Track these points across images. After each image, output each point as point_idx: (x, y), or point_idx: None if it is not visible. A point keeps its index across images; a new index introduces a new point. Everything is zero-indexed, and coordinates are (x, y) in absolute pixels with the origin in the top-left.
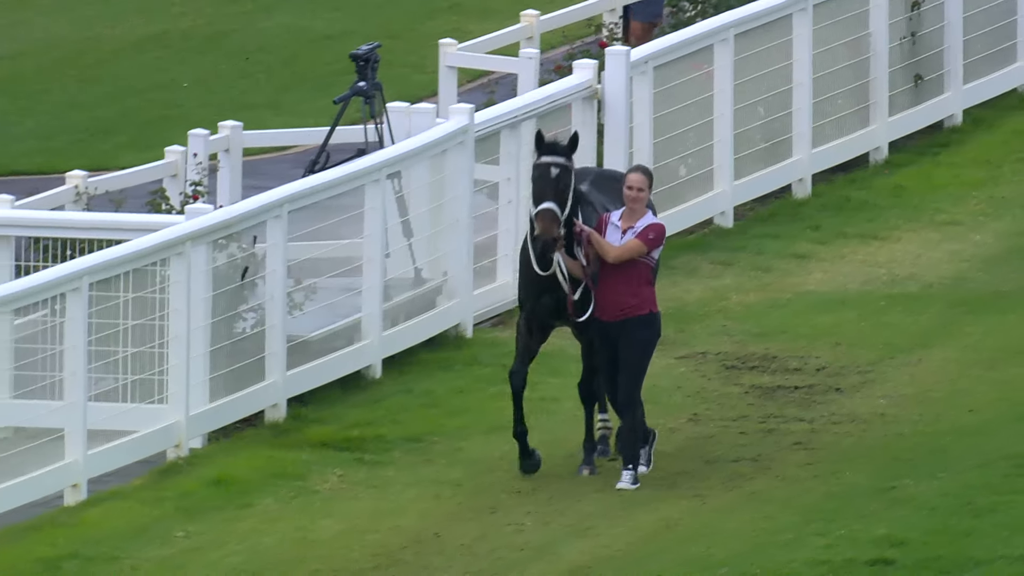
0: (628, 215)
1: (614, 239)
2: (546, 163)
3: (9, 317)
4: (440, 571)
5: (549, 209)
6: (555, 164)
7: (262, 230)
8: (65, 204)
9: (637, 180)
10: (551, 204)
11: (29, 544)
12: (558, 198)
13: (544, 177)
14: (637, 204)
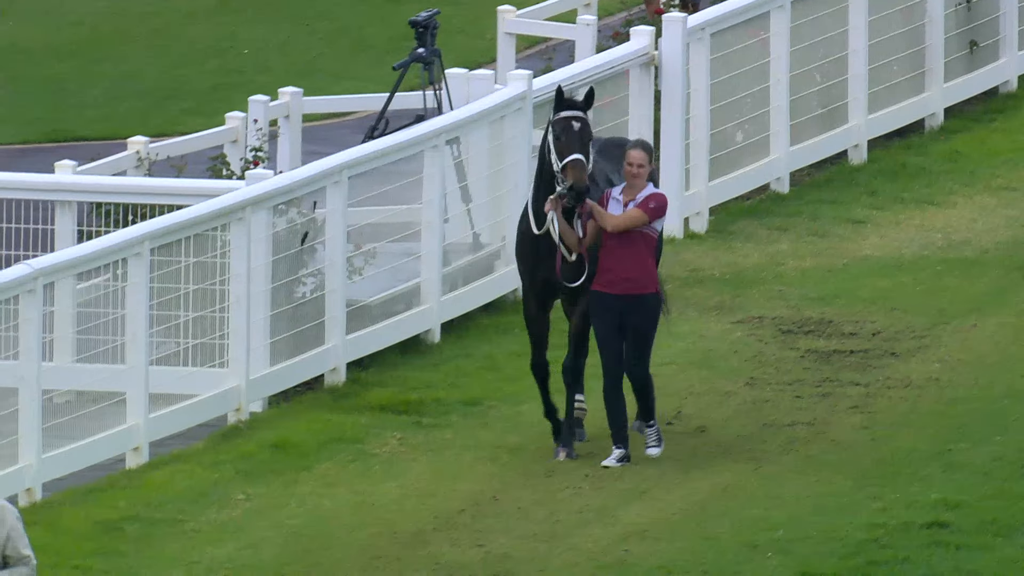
0: (629, 189)
1: (616, 211)
2: (567, 117)
3: (72, 282)
4: (498, 534)
5: (579, 159)
6: (576, 118)
7: (322, 195)
8: (127, 170)
9: (637, 157)
10: (579, 155)
11: (91, 507)
12: (584, 150)
13: (568, 131)
14: (638, 180)
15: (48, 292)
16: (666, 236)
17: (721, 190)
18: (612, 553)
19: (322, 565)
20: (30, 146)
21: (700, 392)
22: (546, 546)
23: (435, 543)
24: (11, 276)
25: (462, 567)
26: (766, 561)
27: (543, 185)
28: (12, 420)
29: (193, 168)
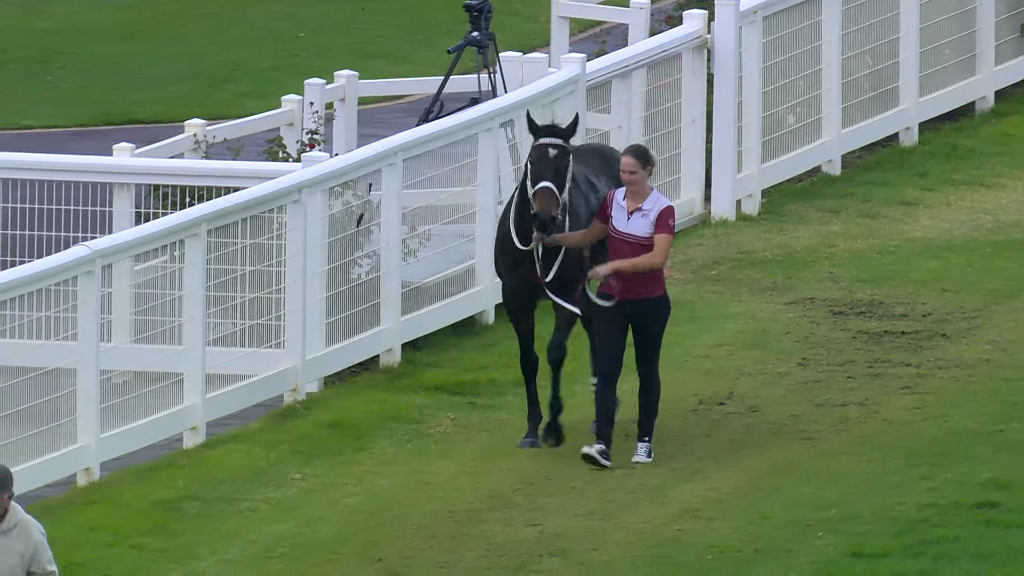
0: (632, 196)
1: (621, 220)
2: (544, 144)
3: (129, 263)
4: (552, 513)
5: (547, 187)
6: (552, 145)
7: (377, 178)
8: (184, 152)
9: (628, 164)
10: (549, 183)
11: (149, 485)
12: (556, 178)
13: (543, 158)
14: (636, 186)
15: (106, 273)
16: (718, 218)
17: (773, 172)
18: (665, 532)
19: (378, 543)
20: (88, 129)
21: (753, 372)
22: (600, 525)
23: (489, 522)
24: (70, 257)
25: (516, 545)
26: (817, 540)
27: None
28: (71, 400)
29: (250, 150)
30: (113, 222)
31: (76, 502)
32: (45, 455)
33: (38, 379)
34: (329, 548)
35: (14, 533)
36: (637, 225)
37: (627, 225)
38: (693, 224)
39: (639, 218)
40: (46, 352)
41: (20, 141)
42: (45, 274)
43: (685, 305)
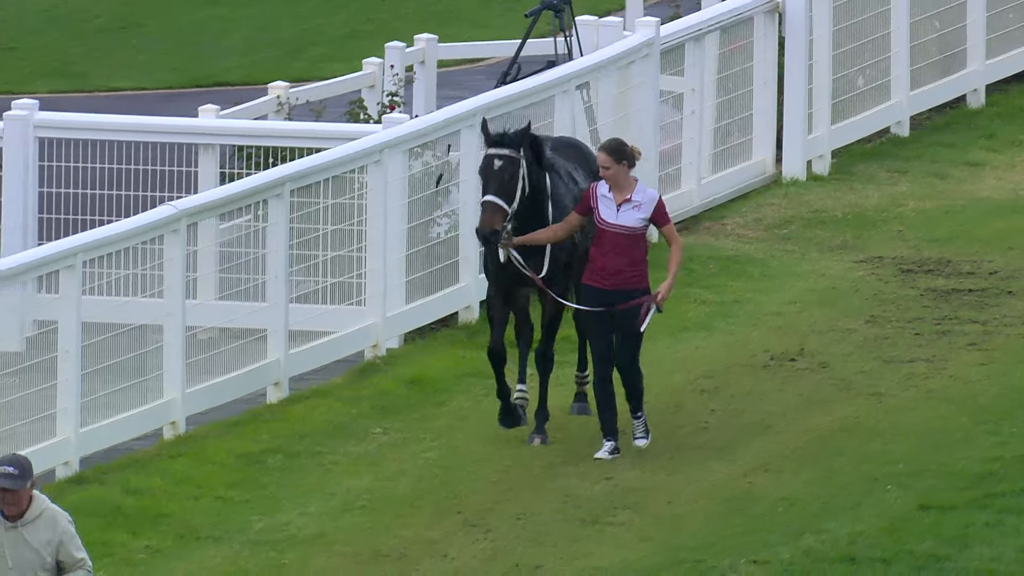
0: (616, 188)
1: (609, 211)
2: (490, 155)
3: (214, 222)
4: (625, 468)
5: (490, 202)
6: (499, 156)
7: (456, 139)
8: (268, 114)
9: (601, 159)
10: (492, 197)
11: (233, 439)
12: (501, 190)
13: (487, 169)
14: (615, 179)
15: (192, 232)
16: (789, 178)
17: (843, 133)
18: (736, 486)
19: (456, 497)
20: (175, 91)
21: (822, 330)
22: (672, 479)
23: (564, 476)
24: (156, 217)
25: (591, 499)
26: (885, 494)
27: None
28: (158, 356)
29: (331, 112)
30: (198, 182)
31: (163, 455)
32: (133, 409)
33: (126, 335)
34: (408, 501)
35: (40, 523)
36: (628, 216)
37: (617, 216)
38: (765, 184)
39: (630, 209)
40: (134, 309)
41: (108, 103)
42: (133, 233)
43: (757, 263)
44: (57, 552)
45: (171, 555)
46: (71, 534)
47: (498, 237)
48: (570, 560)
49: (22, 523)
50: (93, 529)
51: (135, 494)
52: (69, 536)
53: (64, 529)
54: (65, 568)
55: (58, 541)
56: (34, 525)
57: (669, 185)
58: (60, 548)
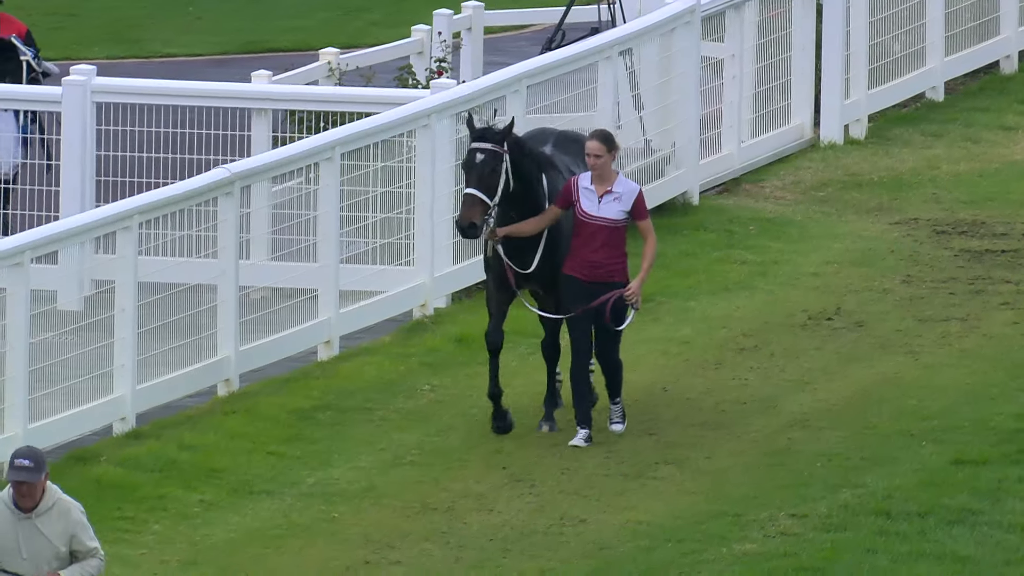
0: (599, 180)
1: (591, 203)
2: (472, 149)
3: (267, 185)
4: (668, 423)
5: (470, 195)
6: (481, 150)
7: (502, 104)
8: (319, 79)
9: (594, 147)
10: (473, 190)
11: (286, 396)
12: (482, 184)
13: (469, 163)
14: (602, 169)
15: (245, 194)
16: (827, 142)
17: (879, 98)
18: (776, 441)
19: (502, 451)
20: (228, 57)
21: (859, 289)
22: (713, 434)
23: (608, 431)
24: (211, 179)
25: (634, 453)
26: (921, 449)
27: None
28: (212, 315)
29: (381, 78)
30: (251, 146)
31: (217, 411)
32: (188, 366)
33: (181, 294)
34: (457, 456)
35: (52, 514)
36: (610, 208)
37: (599, 208)
38: (803, 148)
39: (611, 201)
40: (189, 269)
41: (163, 69)
42: (188, 195)
43: (795, 225)
44: (71, 542)
45: (225, 508)
46: (84, 524)
47: (476, 230)
48: (614, 513)
49: (36, 514)
50: (149, 483)
51: (190, 449)
52: (82, 526)
53: (77, 519)
54: (79, 557)
55: (71, 531)
56: (47, 516)
57: (710, 149)
58: (73, 538)
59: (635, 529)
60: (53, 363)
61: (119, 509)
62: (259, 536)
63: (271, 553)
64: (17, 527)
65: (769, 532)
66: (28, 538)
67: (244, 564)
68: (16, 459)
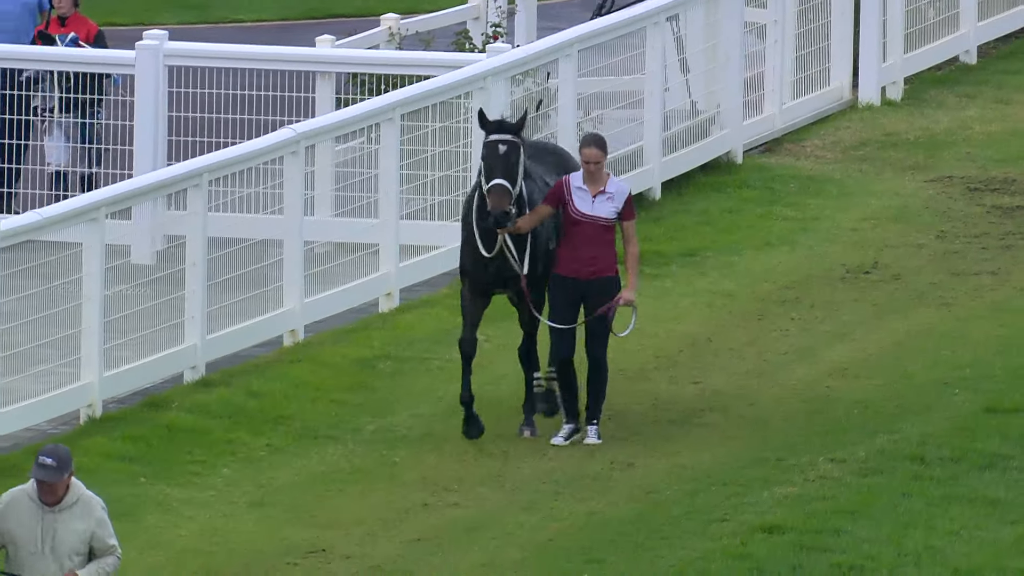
0: (591, 180)
1: (584, 203)
2: (494, 140)
3: (330, 144)
4: (712, 371)
5: (500, 184)
6: (502, 141)
7: (555, 67)
8: (380, 44)
9: (594, 155)
10: (501, 180)
11: (348, 346)
12: (508, 174)
13: (493, 154)
14: (598, 172)
15: (309, 154)
16: (864, 103)
17: (915, 62)
18: (815, 389)
19: None
20: (293, 23)
21: (895, 244)
22: (756, 383)
23: (655, 380)
24: (277, 139)
25: (679, 401)
26: (954, 397)
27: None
28: (278, 269)
29: (439, 42)
30: (316, 107)
31: (283, 360)
32: (255, 318)
33: (249, 249)
34: (511, 403)
35: (76, 510)
36: (604, 208)
37: (592, 208)
38: (842, 109)
39: (604, 201)
40: (256, 225)
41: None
42: (255, 154)
43: (834, 183)
44: (91, 538)
45: (290, 453)
46: (104, 521)
47: (508, 218)
48: (660, 458)
49: (59, 509)
50: (218, 429)
51: (257, 397)
52: (103, 523)
53: (98, 517)
54: (97, 554)
55: (92, 528)
56: (70, 511)
57: (753, 110)
58: (93, 535)
59: (680, 473)
60: (126, 314)
61: (190, 453)
62: (322, 479)
63: (333, 495)
64: (40, 520)
65: (809, 476)
66: (50, 532)
67: (308, 506)
68: (41, 457)
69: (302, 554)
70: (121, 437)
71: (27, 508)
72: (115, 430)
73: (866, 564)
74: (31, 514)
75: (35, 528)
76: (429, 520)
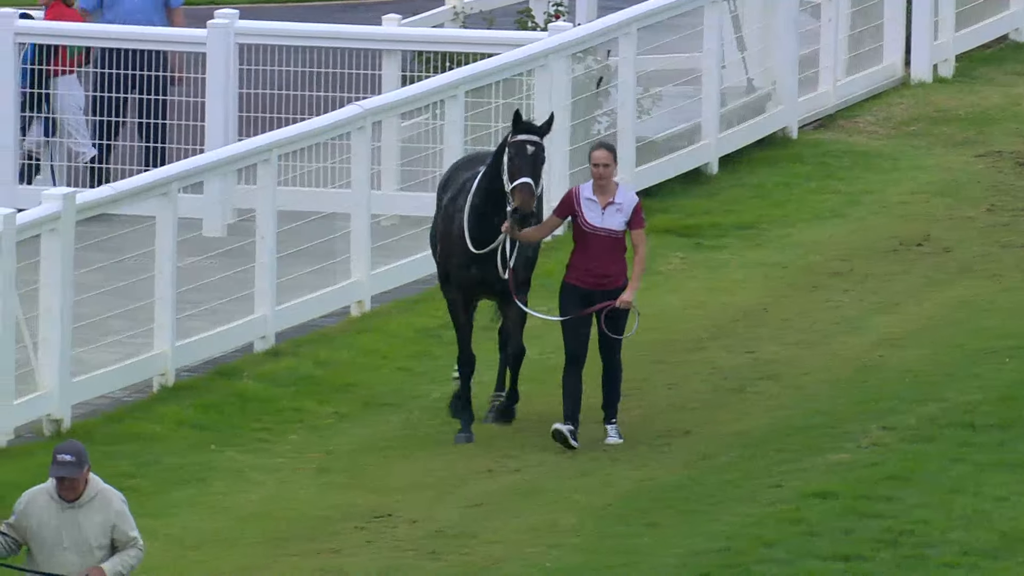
0: (601, 190)
1: (594, 214)
2: (522, 141)
3: (396, 120)
4: (766, 341)
5: (527, 183)
6: (532, 142)
7: (615, 45)
8: (444, 22)
9: (602, 156)
10: (528, 179)
11: (413, 316)
12: (534, 174)
13: (521, 154)
14: (606, 180)
15: (376, 129)
16: (916, 80)
17: (966, 40)
18: (866, 358)
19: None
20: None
21: (945, 217)
22: (808, 352)
23: (711, 349)
24: (344, 115)
25: (734, 369)
26: (1003, 365)
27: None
28: (345, 241)
29: (502, 21)
30: (382, 84)
31: (350, 330)
32: (323, 289)
33: (317, 222)
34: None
35: (94, 504)
36: (612, 219)
37: (602, 220)
38: (894, 86)
39: (614, 212)
40: (324, 198)
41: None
42: (323, 130)
43: (886, 157)
44: (112, 531)
45: (356, 420)
46: (124, 514)
47: (533, 217)
48: (716, 425)
49: (78, 504)
50: (286, 397)
51: (325, 365)
52: (122, 516)
53: (118, 509)
54: (119, 546)
55: (112, 521)
56: (89, 506)
57: (808, 87)
58: (114, 528)
59: (735, 440)
60: (198, 286)
61: (259, 421)
62: (386, 446)
63: (398, 461)
64: (60, 517)
65: (860, 443)
66: (70, 528)
67: (372, 471)
68: (58, 454)
69: (368, 519)
70: (192, 405)
71: (47, 506)
72: (187, 398)
73: (916, 528)
74: (51, 511)
75: (56, 525)
76: (490, 485)
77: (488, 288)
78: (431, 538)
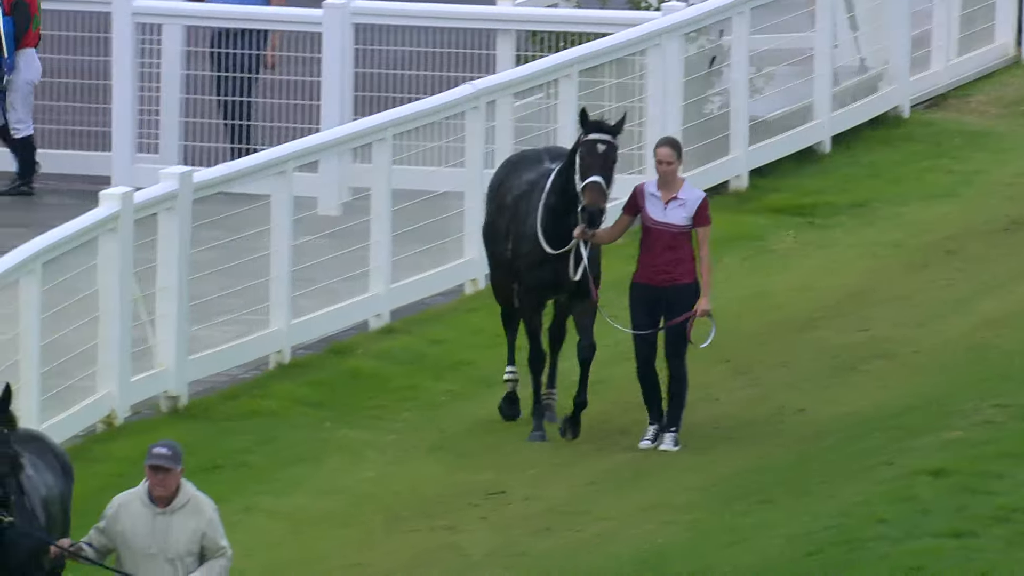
0: (665, 186)
1: (656, 210)
2: (593, 140)
3: (510, 100)
4: (878, 320)
5: (596, 182)
6: (601, 141)
7: (728, 25)
8: (558, 2)
9: (666, 154)
10: (598, 178)
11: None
12: (604, 173)
13: (592, 153)
14: (670, 176)
15: (490, 109)
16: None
17: None
18: (976, 337)
19: (724, 346)
20: None
21: None
22: (920, 331)
23: (822, 328)
24: (459, 95)
25: (846, 348)
26: None
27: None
28: (459, 220)
29: (616, 1)
30: (496, 64)
31: (461, 309)
32: (437, 268)
33: (430, 201)
34: None
35: (187, 510)
36: (675, 215)
37: (665, 215)
38: (1006, 65)
39: (676, 207)
40: (437, 177)
41: None
42: (438, 109)
43: (995, 136)
44: (202, 539)
45: (468, 398)
46: (215, 522)
47: (602, 216)
48: (828, 404)
49: (170, 510)
50: (401, 375)
51: (438, 344)
52: (213, 524)
53: (210, 517)
54: (208, 555)
55: (203, 529)
56: (182, 512)
57: (919, 66)
58: (204, 536)
59: (847, 418)
60: (313, 264)
61: (372, 398)
62: (499, 424)
63: (510, 439)
64: (152, 523)
65: (972, 421)
66: (161, 534)
67: (485, 449)
68: (154, 448)
69: (482, 495)
70: (307, 383)
71: (139, 511)
72: (301, 376)
73: None
74: (143, 517)
75: (147, 530)
76: (601, 464)
77: (560, 289)
78: (544, 515)
